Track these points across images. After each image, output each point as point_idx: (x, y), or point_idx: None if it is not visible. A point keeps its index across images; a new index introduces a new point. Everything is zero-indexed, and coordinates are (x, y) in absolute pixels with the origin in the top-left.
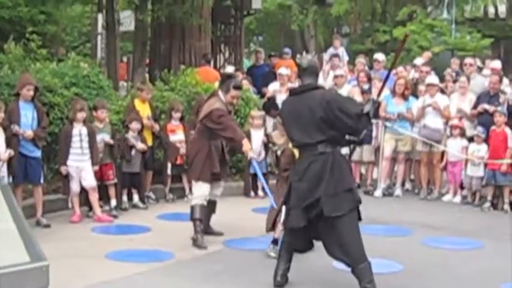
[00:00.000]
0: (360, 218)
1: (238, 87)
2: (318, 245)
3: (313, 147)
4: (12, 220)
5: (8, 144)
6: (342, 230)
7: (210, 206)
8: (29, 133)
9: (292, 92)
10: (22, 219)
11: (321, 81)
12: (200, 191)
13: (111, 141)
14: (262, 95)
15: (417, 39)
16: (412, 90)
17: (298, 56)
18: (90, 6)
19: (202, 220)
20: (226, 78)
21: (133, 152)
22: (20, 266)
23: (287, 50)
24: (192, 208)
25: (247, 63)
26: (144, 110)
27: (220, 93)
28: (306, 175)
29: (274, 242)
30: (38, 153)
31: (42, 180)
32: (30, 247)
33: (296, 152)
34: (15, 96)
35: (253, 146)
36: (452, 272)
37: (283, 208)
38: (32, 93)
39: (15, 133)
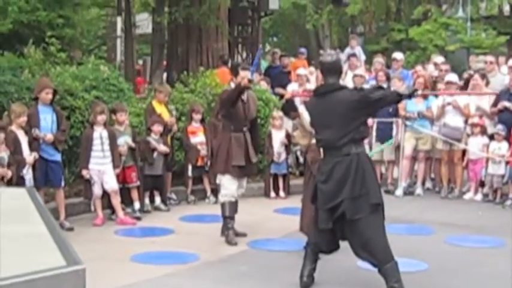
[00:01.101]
0: (383, 217)
1: (245, 68)
2: (343, 245)
3: (338, 149)
4: (44, 223)
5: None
6: (365, 231)
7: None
8: (50, 136)
9: (317, 93)
10: (53, 222)
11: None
12: (227, 187)
13: (133, 144)
14: (277, 96)
15: (432, 38)
16: (431, 88)
17: (321, 52)
18: (105, 10)
19: (233, 217)
20: (233, 67)
21: (155, 154)
22: (57, 270)
23: (303, 50)
24: (222, 206)
25: (264, 64)
26: (162, 111)
27: (231, 83)
28: (331, 176)
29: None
30: (58, 157)
31: (63, 184)
32: (64, 251)
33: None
34: (34, 100)
35: (274, 146)
36: (476, 270)
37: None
38: (50, 96)
39: (35, 137)
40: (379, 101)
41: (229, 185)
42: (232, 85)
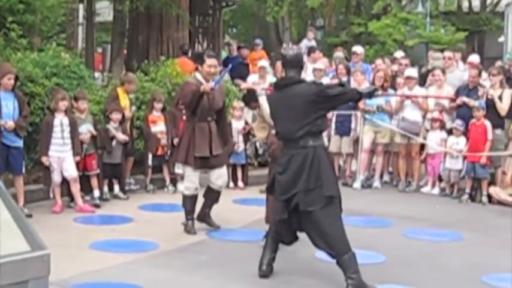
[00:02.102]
0: (340, 209)
1: (211, 56)
2: (303, 236)
3: (295, 141)
4: (6, 209)
5: None
6: (321, 223)
7: (212, 194)
8: (10, 124)
9: (277, 86)
10: (16, 208)
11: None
12: (188, 180)
13: (95, 132)
14: (237, 87)
15: (392, 33)
16: (390, 82)
17: (284, 46)
18: None
19: (191, 211)
20: (197, 56)
21: (114, 142)
22: (21, 255)
23: (258, 41)
24: (183, 198)
25: (223, 55)
26: (125, 100)
27: (196, 72)
28: (288, 168)
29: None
30: (20, 143)
31: (23, 170)
32: (29, 236)
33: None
34: None
35: (234, 136)
36: (434, 263)
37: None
38: (12, 82)
39: None
40: (337, 97)
41: (192, 177)
42: (198, 75)
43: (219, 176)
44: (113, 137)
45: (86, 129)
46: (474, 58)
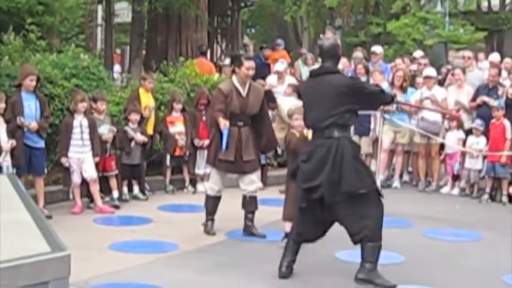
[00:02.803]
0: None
1: (249, 58)
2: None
3: (321, 131)
4: (26, 210)
5: (12, 136)
6: (350, 212)
7: (246, 201)
8: (34, 125)
9: (311, 74)
10: (36, 208)
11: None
12: (212, 181)
13: (115, 133)
14: None
15: (411, 32)
16: (410, 82)
17: (320, 36)
18: None
19: (212, 212)
20: (235, 58)
21: (132, 143)
22: (42, 256)
23: (280, 41)
24: (206, 197)
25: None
26: (148, 99)
27: (233, 76)
28: (312, 157)
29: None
30: (42, 144)
31: (46, 171)
32: (49, 237)
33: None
34: (16, 88)
35: None
36: (453, 263)
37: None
38: (34, 83)
39: (20, 125)
40: (370, 95)
41: (212, 178)
42: (234, 80)
43: (251, 182)
44: (132, 139)
45: (107, 130)
46: (495, 57)
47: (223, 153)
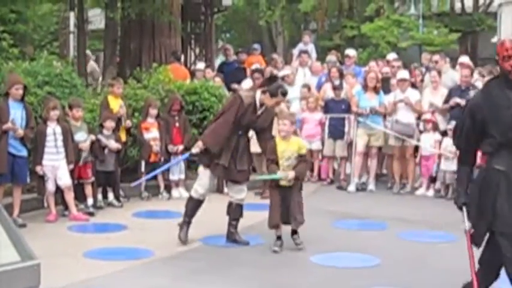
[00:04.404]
0: None
1: (285, 93)
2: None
3: None
4: None
5: None
6: None
7: (232, 208)
8: (20, 131)
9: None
10: (7, 217)
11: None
12: (197, 182)
13: (94, 138)
14: (232, 91)
15: (385, 35)
16: (383, 84)
17: None
18: (58, 5)
19: (190, 214)
20: (272, 80)
21: (106, 151)
22: (11, 266)
23: (256, 46)
24: (188, 199)
25: (219, 60)
26: (117, 105)
27: (259, 92)
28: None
29: (279, 238)
30: (25, 153)
31: (28, 180)
32: (19, 246)
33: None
34: (4, 96)
35: None
36: (428, 265)
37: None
38: (21, 92)
39: (5, 129)
40: None
41: (204, 183)
42: (258, 96)
43: (240, 190)
44: (105, 146)
45: (83, 138)
46: (464, 58)
47: (219, 157)
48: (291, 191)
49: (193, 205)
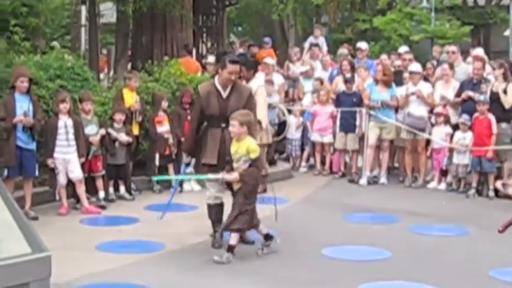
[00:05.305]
0: None
1: (234, 61)
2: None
3: None
4: (8, 211)
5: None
6: None
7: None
8: (29, 119)
9: None
10: (18, 209)
11: (300, 70)
12: (208, 187)
13: (104, 133)
14: None
15: (397, 28)
16: (394, 77)
17: None
18: None
19: (217, 220)
20: (222, 55)
21: (116, 144)
22: (22, 257)
23: (267, 39)
24: (207, 207)
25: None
26: (132, 99)
27: (216, 76)
28: None
29: (267, 237)
30: (33, 146)
31: (37, 173)
32: (30, 238)
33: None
34: (11, 89)
35: None
36: (440, 258)
37: None
38: (26, 84)
39: (16, 122)
40: None
41: (209, 186)
42: (216, 81)
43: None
44: (115, 139)
45: (94, 131)
46: (479, 51)
47: (205, 156)
48: (236, 194)
49: (215, 211)
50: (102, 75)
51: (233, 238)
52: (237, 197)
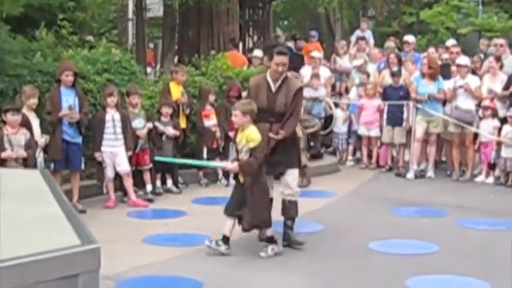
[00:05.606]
0: None
1: (281, 52)
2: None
3: None
4: (57, 204)
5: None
6: None
7: (284, 207)
8: (76, 115)
9: None
10: (67, 202)
11: (347, 63)
12: None
13: (152, 126)
14: None
15: (444, 21)
16: (441, 70)
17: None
18: None
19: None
20: (271, 47)
21: (164, 138)
22: (71, 249)
23: (313, 33)
24: None
25: None
26: (178, 92)
27: (268, 71)
28: None
29: (269, 240)
30: (79, 139)
31: (83, 166)
32: (79, 230)
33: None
34: (57, 82)
35: None
36: (487, 252)
37: None
38: (71, 78)
39: (62, 116)
40: None
41: None
42: (268, 75)
43: (287, 185)
44: (162, 133)
45: (141, 124)
46: None
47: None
48: (248, 188)
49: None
50: (149, 69)
51: (268, 231)
52: (251, 191)
